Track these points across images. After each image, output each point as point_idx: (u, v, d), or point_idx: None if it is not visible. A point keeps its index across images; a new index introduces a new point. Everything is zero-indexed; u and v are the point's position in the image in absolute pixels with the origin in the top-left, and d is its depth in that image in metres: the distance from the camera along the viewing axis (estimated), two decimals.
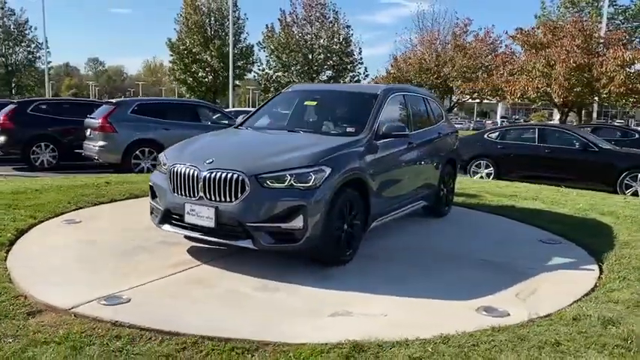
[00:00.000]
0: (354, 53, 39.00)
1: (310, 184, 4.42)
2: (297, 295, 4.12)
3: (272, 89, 38.48)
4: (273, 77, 37.92)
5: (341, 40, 38.26)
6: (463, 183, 10.42)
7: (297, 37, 37.77)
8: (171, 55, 40.81)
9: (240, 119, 6.35)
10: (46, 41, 50.61)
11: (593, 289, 4.46)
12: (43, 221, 5.96)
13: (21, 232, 5.41)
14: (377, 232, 5.66)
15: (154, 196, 5.03)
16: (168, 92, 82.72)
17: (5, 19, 56.02)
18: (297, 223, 4.35)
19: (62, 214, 6.36)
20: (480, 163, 12.86)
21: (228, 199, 4.40)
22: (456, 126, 8.80)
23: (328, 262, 4.74)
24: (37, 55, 57.82)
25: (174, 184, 4.68)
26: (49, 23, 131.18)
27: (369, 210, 5.14)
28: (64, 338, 3.16)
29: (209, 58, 39.64)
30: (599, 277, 4.78)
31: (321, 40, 37.88)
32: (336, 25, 37.97)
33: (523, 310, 3.93)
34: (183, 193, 4.62)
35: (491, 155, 12.77)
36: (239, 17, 41.21)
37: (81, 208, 6.74)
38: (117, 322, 3.43)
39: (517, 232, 6.60)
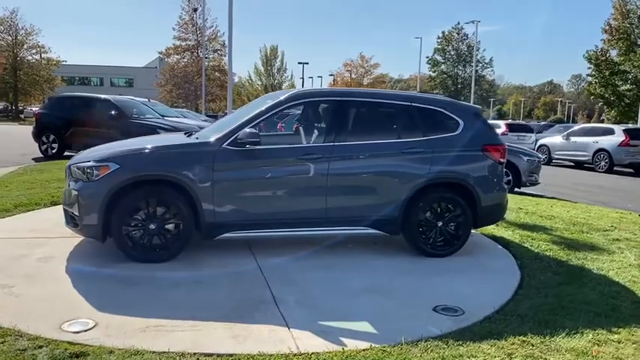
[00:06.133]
0: None
1: (93, 177, 4.89)
2: (53, 267, 4.76)
3: None
4: None
5: None
6: None
7: None
8: (589, 68, 37.45)
9: None
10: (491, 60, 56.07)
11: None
12: None
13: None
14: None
15: None
16: None
17: (460, 43, 63.23)
18: (75, 210, 4.93)
19: None
20: None
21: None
22: None
23: (128, 256, 4.97)
24: (482, 73, 62.87)
25: None
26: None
27: (199, 216, 4.99)
28: None
29: (630, 69, 34.56)
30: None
31: None
32: None
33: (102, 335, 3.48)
34: None
35: None
36: None
37: None
38: None
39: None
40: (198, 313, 3.91)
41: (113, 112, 13.87)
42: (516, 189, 11.32)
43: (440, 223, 5.51)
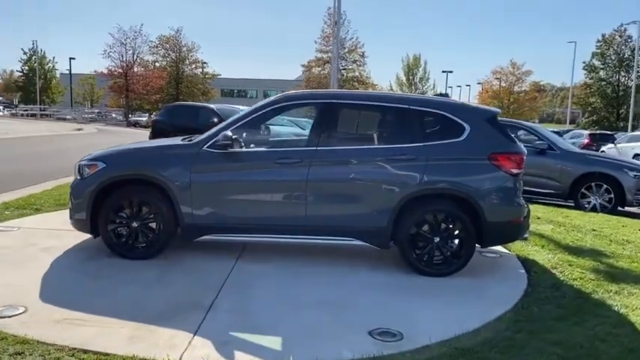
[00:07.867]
0: None
1: (84, 175, 5.20)
2: (46, 257, 5.13)
3: None
4: None
5: None
6: None
7: None
8: None
9: None
10: None
11: None
12: None
13: None
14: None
15: None
16: None
17: (623, 46, 56.92)
18: (70, 204, 5.28)
19: None
20: None
21: None
22: None
23: (113, 252, 5.18)
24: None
25: None
26: None
27: (178, 217, 5.06)
28: None
29: None
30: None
31: None
32: None
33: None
34: None
35: None
36: None
37: None
38: None
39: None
40: (124, 311, 3.91)
41: (215, 120, 14.69)
42: (619, 208, 9.81)
43: (437, 239, 4.94)
